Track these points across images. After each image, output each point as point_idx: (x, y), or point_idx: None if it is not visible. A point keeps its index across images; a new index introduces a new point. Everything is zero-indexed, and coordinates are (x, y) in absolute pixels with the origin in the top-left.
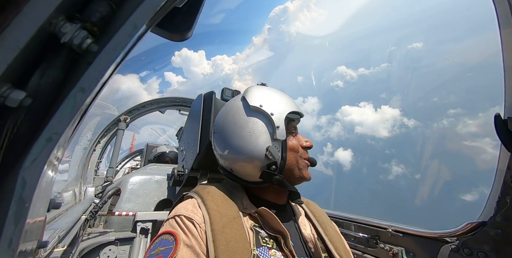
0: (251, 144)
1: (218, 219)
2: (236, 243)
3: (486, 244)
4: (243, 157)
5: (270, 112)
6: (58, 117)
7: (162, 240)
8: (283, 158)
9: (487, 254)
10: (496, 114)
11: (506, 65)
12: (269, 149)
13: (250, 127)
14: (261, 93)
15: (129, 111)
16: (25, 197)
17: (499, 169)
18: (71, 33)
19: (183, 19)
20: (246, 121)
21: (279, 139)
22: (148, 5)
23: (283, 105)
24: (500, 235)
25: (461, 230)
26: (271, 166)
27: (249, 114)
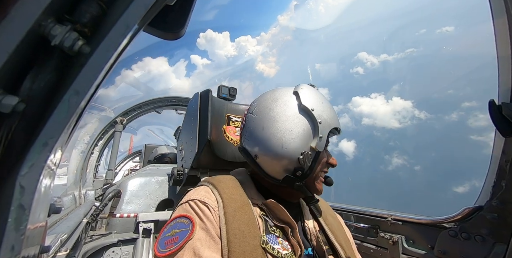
0: (288, 141)
1: (231, 203)
2: (247, 226)
3: (483, 228)
4: (273, 150)
5: (319, 121)
6: (53, 122)
7: (177, 223)
8: (311, 167)
9: (484, 237)
10: (491, 100)
11: (499, 54)
12: (304, 155)
13: (293, 125)
14: (315, 97)
15: (125, 112)
16: (24, 203)
17: (494, 154)
18: (61, 35)
19: (175, 17)
20: (293, 117)
21: (317, 149)
22: (139, 4)
23: (331, 118)
24: (496, 219)
25: (459, 216)
26: (297, 171)
27: (298, 112)
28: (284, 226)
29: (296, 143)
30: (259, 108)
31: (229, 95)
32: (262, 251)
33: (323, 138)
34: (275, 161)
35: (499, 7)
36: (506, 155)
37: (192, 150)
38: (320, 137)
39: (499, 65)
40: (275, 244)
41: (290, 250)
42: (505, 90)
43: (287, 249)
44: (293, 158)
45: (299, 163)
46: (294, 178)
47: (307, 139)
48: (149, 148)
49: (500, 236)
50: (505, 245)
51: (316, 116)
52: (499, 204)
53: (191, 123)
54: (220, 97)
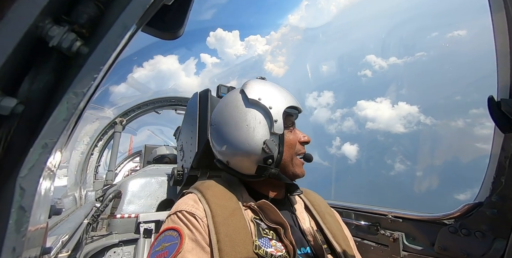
0: (248, 136)
1: (220, 211)
2: (238, 234)
3: (483, 224)
4: (240, 149)
5: (269, 106)
6: (52, 123)
7: (166, 236)
8: (280, 152)
9: (484, 233)
10: (490, 96)
11: (498, 49)
12: (266, 142)
13: (248, 120)
14: (260, 87)
15: (125, 113)
16: (24, 205)
17: (493, 150)
18: (59, 36)
19: (173, 17)
20: (244, 113)
21: (277, 133)
22: (137, 4)
23: (282, 100)
24: (496, 214)
25: (459, 212)
26: (268, 159)
27: (247, 107)
28: (277, 227)
29: (257, 135)
30: (215, 118)
31: None
32: (255, 256)
33: (278, 120)
34: (245, 158)
35: (497, 2)
36: (505, 151)
37: (192, 149)
38: (275, 120)
39: (497, 61)
40: (268, 248)
41: (284, 251)
42: (504, 86)
43: (280, 250)
44: (258, 149)
45: (266, 152)
46: (267, 166)
47: (265, 127)
48: (149, 148)
49: (500, 232)
50: (505, 241)
51: (265, 103)
52: (498, 200)
53: (190, 123)
54: (219, 97)
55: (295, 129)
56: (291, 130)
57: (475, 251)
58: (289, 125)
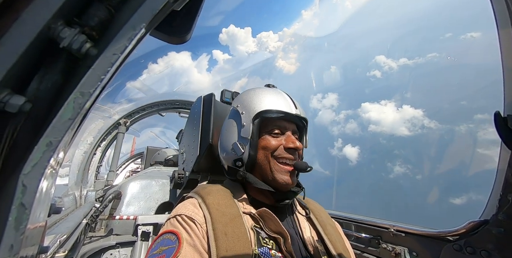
0: (225, 140)
1: (220, 218)
2: (238, 242)
3: (489, 243)
4: (221, 153)
5: (241, 112)
6: (57, 122)
7: (164, 239)
8: (250, 155)
9: (490, 252)
10: (496, 112)
11: (505, 65)
12: (233, 145)
13: (227, 126)
14: (246, 94)
15: (129, 114)
16: (25, 202)
17: (500, 167)
18: (70, 37)
19: (181, 22)
20: (227, 120)
21: (244, 137)
22: (147, 9)
23: (257, 105)
24: (503, 233)
25: (463, 229)
26: (237, 161)
27: (230, 115)
28: (277, 237)
29: (229, 139)
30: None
31: (232, 99)
32: None
33: (246, 125)
34: (224, 160)
35: (503, 18)
36: (511, 167)
37: (193, 153)
38: (243, 125)
39: (504, 76)
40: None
41: None
42: (510, 102)
43: None
44: (229, 151)
45: (234, 154)
46: (236, 168)
47: (235, 131)
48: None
49: (507, 252)
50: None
51: (239, 109)
52: (505, 218)
53: (193, 126)
54: (223, 102)
55: (284, 134)
56: (273, 135)
57: None
58: (270, 129)
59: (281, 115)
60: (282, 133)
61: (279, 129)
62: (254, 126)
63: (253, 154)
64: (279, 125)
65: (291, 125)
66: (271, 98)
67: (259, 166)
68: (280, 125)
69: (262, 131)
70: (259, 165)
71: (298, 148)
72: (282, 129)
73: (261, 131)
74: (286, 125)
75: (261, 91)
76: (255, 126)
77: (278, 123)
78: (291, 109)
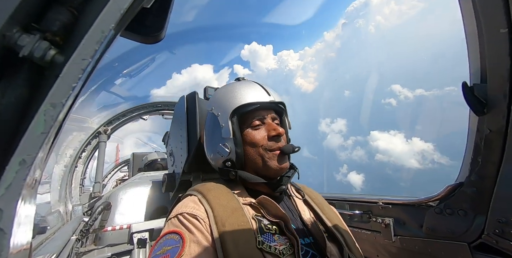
0: (209, 144)
1: (221, 212)
2: (241, 232)
3: (464, 202)
4: (209, 156)
5: (217, 114)
6: (29, 138)
7: (167, 240)
8: (237, 153)
9: (466, 211)
10: (463, 82)
11: (468, 32)
12: (218, 148)
13: (207, 131)
14: (217, 94)
15: (109, 122)
16: (3, 226)
17: (470, 132)
18: (30, 45)
19: (153, 20)
20: (206, 126)
21: (226, 137)
22: (113, 8)
23: (230, 102)
24: (476, 193)
25: (442, 193)
26: (226, 162)
27: (207, 120)
28: (279, 221)
29: (212, 142)
30: None
31: None
32: (259, 252)
33: (225, 125)
34: (212, 163)
35: None
36: (480, 132)
37: (182, 154)
38: (222, 126)
39: (468, 46)
40: (271, 242)
41: (287, 243)
42: (475, 71)
43: (284, 244)
44: (215, 155)
45: (221, 156)
46: (226, 169)
47: (216, 134)
48: (138, 156)
49: (479, 209)
50: (484, 216)
51: (215, 112)
52: (477, 179)
53: (179, 127)
54: (206, 99)
55: (264, 124)
56: (256, 128)
57: (459, 228)
58: (251, 123)
59: (257, 106)
60: (263, 123)
61: (258, 119)
62: (234, 124)
63: (240, 152)
64: (258, 116)
65: (269, 113)
66: (242, 92)
67: (250, 161)
68: (258, 116)
69: (242, 126)
70: (249, 160)
71: (281, 134)
72: (262, 119)
73: (241, 126)
74: (264, 114)
75: (231, 87)
76: (235, 124)
77: (256, 114)
78: (264, 97)
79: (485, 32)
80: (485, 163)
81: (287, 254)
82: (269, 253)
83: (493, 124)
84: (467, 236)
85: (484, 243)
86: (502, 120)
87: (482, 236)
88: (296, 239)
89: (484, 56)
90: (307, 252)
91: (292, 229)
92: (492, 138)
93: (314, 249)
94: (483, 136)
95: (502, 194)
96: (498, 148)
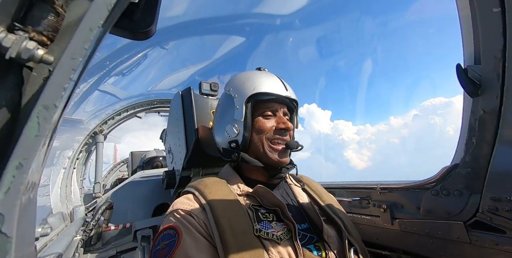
0: (219, 123)
1: (218, 205)
2: (238, 223)
3: (460, 183)
4: (216, 136)
5: (234, 95)
6: (24, 141)
7: (164, 235)
8: (244, 136)
9: (461, 191)
10: (457, 64)
11: (461, 17)
12: (226, 128)
13: (220, 110)
14: (238, 78)
15: (104, 122)
16: (6, 231)
17: (464, 114)
18: (16, 46)
19: (142, 15)
20: (220, 105)
21: (238, 119)
22: (101, 4)
23: (249, 88)
24: (470, 173)
25: (438, 175)
26: (231, 143)
27: (222, 99)
28: (276, 209)
29: (223, 121)
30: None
31: (211, 91)
32: (257, 240)
33: (239, 107)
34: (219, 142)
35: None
36: (474, 113)
37: (181, 150)
38: (236, 107)
39: (462, 29)
40: (269, 229)
41: (285, 229)
42: (469, 53)
43: (282, 229)
44: (222, 134)
45: (228, 136)
46: (231, 149)
47: (229, 114)
48: (136, 155)
49: (474, 188)
50: (478, 195)
51: (232, 93)
52: (472, 159)
53: (176, 124)
54: (202, 94)
55: (276, 116)
56: (267, 117)
57: (455, 208)
58: (263, 112)
59: (273, 97)
60: (274, 115)
61: (271, 110)
62: (247, 109)
63: (247, 135)
64: (271, 107)
65: (282, 107)
66: (262, 81)
67: (253, 146)
68: (271, 107)
69: (254, 113)
70: (253, 146)
71: (289, 129)
72: (274, 111)
73: (254, 113)
74: (278, 107)
75: (253, 74)
76: (248, 109)
77: (270, 105)
78: (282, 91)
79: (478, 13)
80: (480, 143)
81: (285, 239)
82: (267, 239)
83: (487, 105)
84: (462, 215)
85: (479, 221)
86: (496, 100)
87: (477, 215)
88: (293, 224)
89: (477, 38)
90: (304, 236)
91: (289, 215)
92: (486, 118)
93: (312, 233)
94: (477, 117)
95: (495, 172)
96: (492, 128)
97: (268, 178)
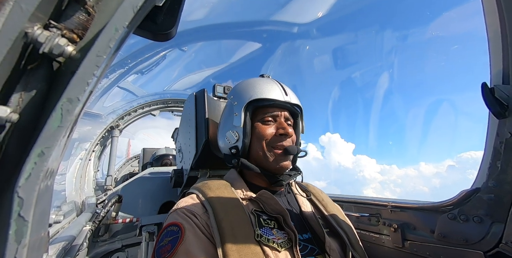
0: (221, 130)
1: (221, 208)
2: (239, 227)
3: (481, 209)
4: (219, 142)
5: (234, 102)
6: (47, 131)
7: (168, 231)
8: (243, 142)
9: (482, 218)
10: (483, 83)
11: (489, 34)
12: (226, 134)
13: (223, 117)
14: (239, 86)
15: (121, 117)
16: (24, 214)
17: (489, 136)
18: (49, 42)
19: (165, 18)
20: (224, 112)
21: (237, 125)
22: (127, 6)
23: (247, 94)
24: (493, 199)
25: (457, 199)
26: (232, 149)
27: (226, 107)
28: (278, 216)
29: (224, 128)
30: None
31: (224, 94)
32: (257, 244)
33: (238, 114)
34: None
35: None
36: (499, 136)
37: (190, 150)
38: (235, 114)
39: (489, 46)
40: (270, 236)
41: (286, 238)
42: (497, 72)
43: (282, 238)
44: (225, 140)
45: (228, 142)
46: (231, 155)
47: (230, 121)
48: (148, 152)
49: (497, 216)
50: (502, 224)
51: (232, 100)
52: (495, 185)
53: (188, 124)
54: (215, 96)
55: (276, 122)
56: (266, 123)
57: (474, 236)
58: (263, 118)
59: (271, 103)
60: (275, 120)
61: (271, 116)
62: (246, 115)
63: (246, 141)
64: (271, 113)
65: (283, 112)
66: (261, 87)
67: (253, 152)
68: (271, 113)
69: (254, 119)
70: (253, 152)
71: (288, 134)
72: (274, 116)
73: (254, 119)
74: (278, 113)
75: (253, 81)
76: (247, 116)
77: (270, 111)
78: (280, 96)
79: (509, 31)
80: (505, 168)
81: (285, 248)
82: (267, 245)
83: None
84: (482, 245)
85: (501, 253)
86: None
87: (499, 245)
88: (294, 234)
89: (507, 56)
90: (305, 246)
91: (291, 224)
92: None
93: (313, 244)
94: (504, 140)
95: None
96: None
97: (269, 184)
